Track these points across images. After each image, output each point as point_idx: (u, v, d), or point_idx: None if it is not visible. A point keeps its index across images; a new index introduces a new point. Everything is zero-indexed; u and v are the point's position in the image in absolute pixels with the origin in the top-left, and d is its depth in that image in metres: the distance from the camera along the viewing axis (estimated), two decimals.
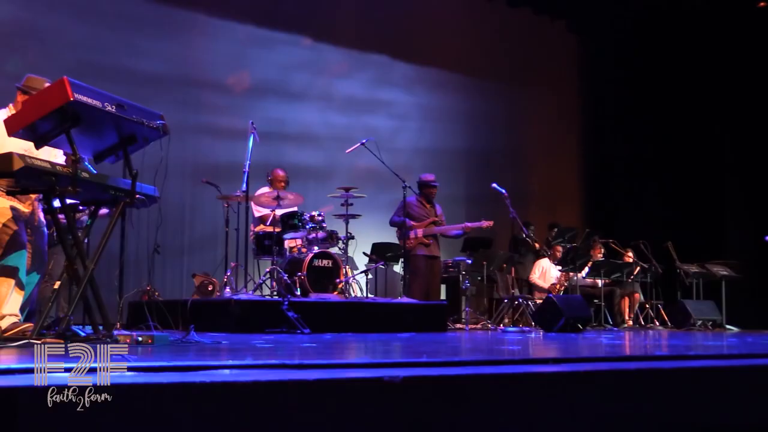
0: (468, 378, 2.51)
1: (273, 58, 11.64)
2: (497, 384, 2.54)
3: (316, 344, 4.65)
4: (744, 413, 2.95)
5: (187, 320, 5.89)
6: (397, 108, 12.97)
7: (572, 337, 6.71)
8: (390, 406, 2.32)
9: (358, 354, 4.11)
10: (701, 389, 2.91)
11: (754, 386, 3.03)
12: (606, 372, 2.83)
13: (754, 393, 3.01)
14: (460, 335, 7.27)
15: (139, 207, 4.54)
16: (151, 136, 4.47)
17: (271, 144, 10.54)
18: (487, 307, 11.33)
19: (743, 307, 12.12)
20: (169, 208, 9.46)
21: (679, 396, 2.86)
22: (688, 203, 13.48)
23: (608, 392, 2.72)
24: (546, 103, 14.53)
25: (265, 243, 8.42)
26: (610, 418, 2.69)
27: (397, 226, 9.32)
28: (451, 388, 2.45)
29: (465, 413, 2.43)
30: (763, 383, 3.07)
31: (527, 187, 14.02)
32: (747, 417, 2.95)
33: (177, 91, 10.38)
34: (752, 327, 11.09)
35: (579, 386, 2.68)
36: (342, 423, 2.23)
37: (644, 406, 2.77)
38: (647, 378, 2.85)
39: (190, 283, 9.44)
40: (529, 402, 2.55)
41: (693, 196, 13.52)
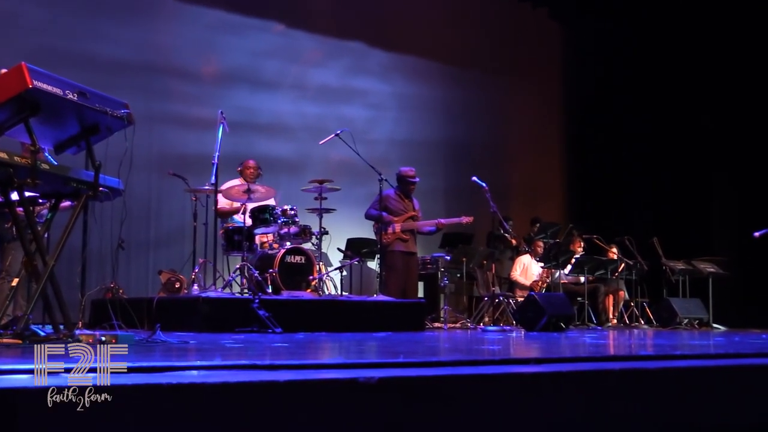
0: (446, 379, 2.52)
1: (244, 44, 11.59)
2: (477, 385, 2.55)
3: (288, 344, 4.64)
4: (731, 414, 2.98)
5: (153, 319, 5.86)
6: (374, 97, 12.96)
7: (555, 337, 6.75)
8: (365, 408, 2.32)
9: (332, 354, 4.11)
10: (687, 390, 2.94)
11: (741, 387, 3.06)
12: (590, 372, 2.84)
13: (742, 394, 3.04)
14: (438, 335, 7.28)
15: (103, 200, 4.50)
16: (115, 126, 4.43)
17: (242, 135, 10.49)
18: (467, 305, 11.36)
19: (730, 305, 12.24)
20: (134, 201, 9.39)
21: (665, 397, 2.88)
22: (675, 198, 13.58)
23: (592, 393, 2.74)
24: (528, 92, 14.57)
25: (235, 238, 8.39)
26: (594, 419, 2.70)
27: (374, 219, 9.31)
28: (429, 390, 2.45)
29: (443, 416, 2.44)
30: (750, 384, 3.10)
31: (508, 181, 14.07)
32: (734, 418, 2.98)
33: (142, 79, 10.31)
34: (739, 326, 11.19)
35: (562, 387, 2.69)
36: (315, 426, 2.23)
37: (629, 407, 2.79)
38: (632, 379, 2.87)
39: (156, 280, 9.39)
40: (510, 404, 2.56)
41: (680, 190, 13.62)
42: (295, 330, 6.68)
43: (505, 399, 2.56)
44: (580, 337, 6.62)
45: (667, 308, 11.19)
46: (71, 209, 4.44)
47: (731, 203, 13.45)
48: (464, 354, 3.99)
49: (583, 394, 2.71)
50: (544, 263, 10.95)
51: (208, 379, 2.17)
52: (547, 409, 2.62)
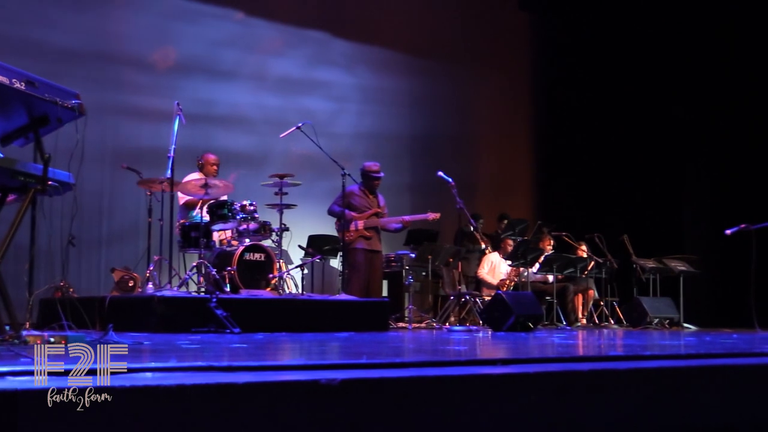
0: (411, 380, 2.52)
1: (200, 32, 11.52)
2: (442, 387, 2.56)
3: (246, 345, 4.62)
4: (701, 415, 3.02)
5: (105, 319, 5.81)
6: (337, 89, 12.94)
7: (522, 337, 6.79)
8: (327, 411, 2.32)
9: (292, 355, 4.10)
10: (657, 391, 2.97)
11: (711, 387, 3.10)
12: (558, 373, 2.86)
13: (712, 394, 3.09)
14: (402, 335, 7.30)
15: (52, 195, 4.45)
16: (65, 117, 4.39)
17: (199, 127, 10.44)
18: (432, 304, 11.39)
19: (701, 304, 12.39)
20: (86, 196, 9.33)
21: (635, 398, 2.91)
22: (646, 194, 13.69)
23: (560, 395, 2.76)
24: (496, 86, 14.63)
25: (192, 235, 8.34)
26: (562, 421, 2.72)
27: (336, 216, 9.31)
28: (393, 392, 2.45)
29: (407, 418, 2.44)
30: (720, 384, 3.14)
31: (475, 176, 14.12)
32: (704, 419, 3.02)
33: (95, 68, 10.22)
34: (710, 325, 11.33)
35: (529, 389, 2.71)
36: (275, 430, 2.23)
37: (598, 408, 2.81)
38: (601, 380, 2.89)
39: (108, 279, 9.32)
40: (476, 406, 2.57)
41: (651, 186, 13.73)
42: (254, 330, 6.66)
43: (472, 401, 2.57)
44: (548, 338, 6.67)
45: (638, 308, 11.28)
46: (18, 204, 4.38)
47: (703, 200, 13.59)
48: (429, 355, 4.00)
49: (551, 396, 2.73)
50: (512, 261, 11.01)
51: (163, 381, 2.15)
52: (515, 411, 2.63)
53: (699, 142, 13.52)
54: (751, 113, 12.71)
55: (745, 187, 12.59)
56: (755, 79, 12.67)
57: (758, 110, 12.64)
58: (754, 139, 12.67)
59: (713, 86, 13.20)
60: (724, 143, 13.13)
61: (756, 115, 12.66)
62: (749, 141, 12.73)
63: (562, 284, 11.53)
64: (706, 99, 13.32)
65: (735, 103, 12.89)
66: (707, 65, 13.30)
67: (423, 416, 2.47)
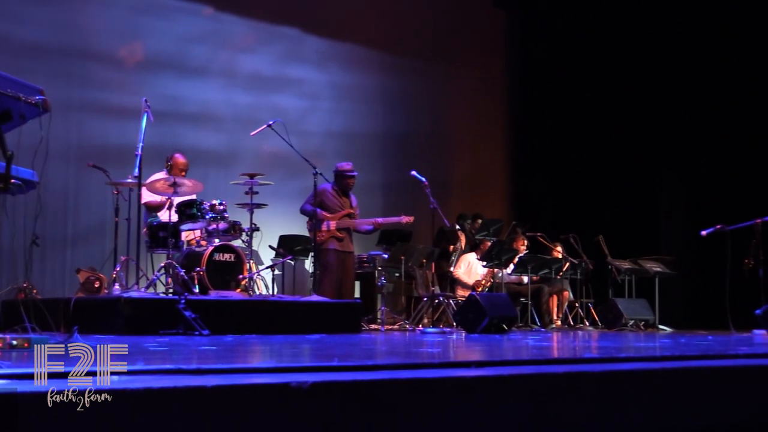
0: (383, 383, 2.53)
1: (170, 28, 11.46)
2: (415, 390, 2.56)
3: (216, 347, 4.61)
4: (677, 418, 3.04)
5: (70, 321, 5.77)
6: (308, 86, 12.92)
7: (496, 339, 6.81)
8: (297, 414, 2.31)
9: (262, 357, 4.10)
10: (632, 393, 2.99)
11: (686, 390, 3.13)
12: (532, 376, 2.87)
13: (688, 397, 3.11)
14: (375, 337, 7.30)
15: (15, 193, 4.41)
16: (28, 113, 4.35)
17: (167, 124, 10.39)
18: (405, 305, 11.39)
19: (677, 305, 12.49)
20: (50, 194, 9.24)
21: (609, 400, 2.93)
22: (621, 194, 13.76)
23: (535, 397, 2.77)
24: (471, 84, 14.67)
25: (160, 235, 8.30)
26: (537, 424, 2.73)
27: (308, 215, 9.31)
28: (365, 395, 2.45)
29: (380, 422, 2.44)
30: (696, 387, 3.17)
31: (449, 175, 14.15)
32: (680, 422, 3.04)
33: (60, 63, 10.14)
34: (685, 327, 11.41)
35: (504, 391, 2.72)
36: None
37: (573, 411, 2.83)
38: (576, 382, 2.91)
39: (73, 280, 9.24)
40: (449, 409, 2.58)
41: (626, 186, 13.79)
42: (223, 332, 6.63)
43: (445, 404, 2.58)
44: (522, 340, 6.70)
45: (613, 309, 11.35)
46: None
47: (679, 201, 13.70)
48: (402, 357, 4.01)
49: (525, 399, 2.74)
50: (486, 262, 11.02)
51: (130, 384, 2.14)
52: (489, 414, 2.64)
53: (675, 142, 13.60)
54: (728, 114, 12.81)
55: (720, 188, 12.70)
56: (732, 80, 12.78)
57: (735, 111, 12.75)
58: (731, 140, 12.77)
59: (690, 87, 13.29)
60: (701, 143, 13.22)
61: (733, 116, 12.77)
62: (726, 141, 12.83)
63: (536, 285, 11.57)
64: (683, 99, 13.41)
65: (712, 103, 12.98)
66: (684, 66, 13.39)
67: (395, 420, 2.47)
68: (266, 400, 2.28)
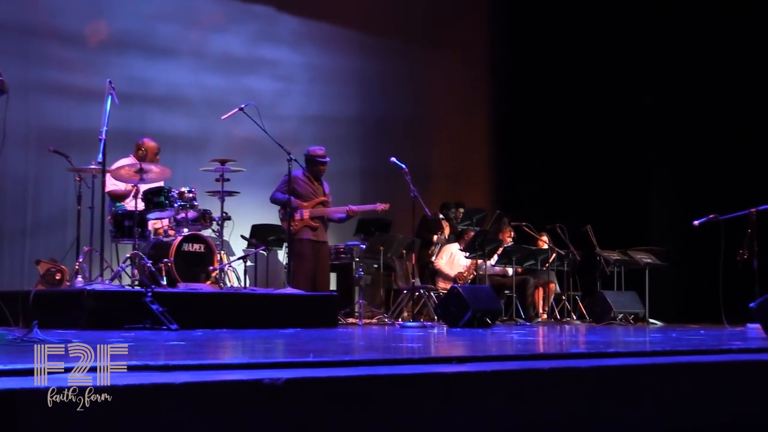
0: (361, 380, 2.53)
1: (135, 5, 11.38)
2: (394, 387, 2.57)
3: (184, 342, 4.61)
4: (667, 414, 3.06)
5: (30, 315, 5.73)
6: (282, 68, 12.87)
7: (479, 333, 6.83)
8: (270, 412, 2.31)
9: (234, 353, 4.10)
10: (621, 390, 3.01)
11: (678, 386, 3.15)
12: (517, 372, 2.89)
13: (679, 393, 3.13)
14: (352, 331, 7.32)
15: None
16: None
17: (133, 107, 10.32)
18: (384, 298, 11.38)
19: (668, 298, 12.54)
20: (8, 181, 9.20)
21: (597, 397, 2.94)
22: (610, 183, 13.79)
23: (519, 394, 2.78)
24: (453, 66, 14.65)
25: (126, 224, 8.27)
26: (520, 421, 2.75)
27: (280, 204, 9.27)
28: (342, 392, 2.46)
29: (357, 419, 2.45)
30: (688, 383, 3.19)
31: (430, 162, 14.14)
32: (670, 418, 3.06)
33: (18, 42, 10.05)
34: (677, 320, 11.49)
35: (487, 388, 2.73)
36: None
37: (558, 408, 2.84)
38: (562, 378, 2.92)
39: (33, 271, 9.20)
40: (430, 406, 2.59)
41: (615, 174, 13.83)
42: (192, 327, 6.63)
43: (425, 401, 2.59)
44: (507, 334, 6.73)
45: (601, 302, 11.38)
46: None
47: (670, 189, 13.74)
48: (380, 352, 4.02)
49: (509, 396, 2.76)
50: (469, 253, 11.03)
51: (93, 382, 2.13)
52: (471, 411, 2.65)
53: (665, 129, 13.65)
54: (718, 102, 12.88)
55: (713, 176, 12.76)
56: (721, 68, 12.85)
57: (725, 99, 12.81)
58: (722, 128, 12.84)
59: (680, 75, 13.36)
60: (692, 131, 13.28)
61: (723, 105, 12.84)
62: (717, 129, 12.90)
63: (521, 277, 11.60)
64: (672, 87, 13.47)
65: (701, 92, 13.05)
66: (673, 54, 13.43)
67: (373, 417, 2.48)
68: (238, 397, 2.28)
